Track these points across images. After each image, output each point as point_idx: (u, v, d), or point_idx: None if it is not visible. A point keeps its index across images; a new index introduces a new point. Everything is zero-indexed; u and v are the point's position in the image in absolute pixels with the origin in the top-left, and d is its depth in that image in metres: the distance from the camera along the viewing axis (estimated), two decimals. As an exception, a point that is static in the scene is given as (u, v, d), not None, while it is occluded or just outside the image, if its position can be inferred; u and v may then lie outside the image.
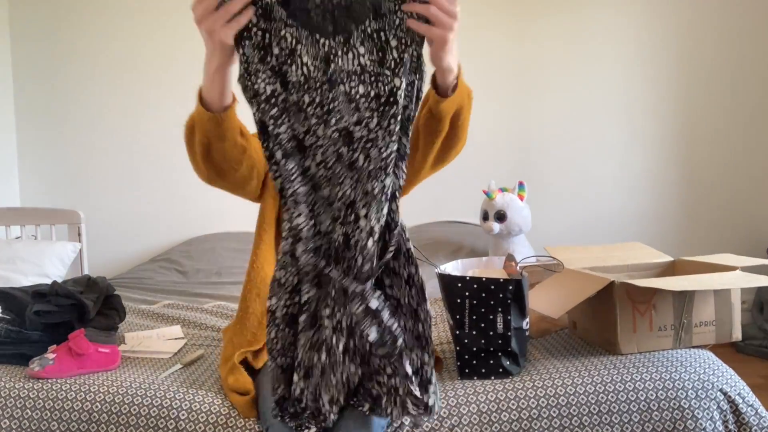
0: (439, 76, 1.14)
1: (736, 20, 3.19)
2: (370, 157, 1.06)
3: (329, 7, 1.06)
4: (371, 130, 1.06)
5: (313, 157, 1.08)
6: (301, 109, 1.07)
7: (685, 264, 1.53)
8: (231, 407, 1.24)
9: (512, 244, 2.56)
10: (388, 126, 1.05)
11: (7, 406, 1.27)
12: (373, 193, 1.06)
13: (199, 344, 1.62)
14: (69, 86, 3.21)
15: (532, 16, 3.20)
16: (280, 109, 1.07)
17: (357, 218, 1.06)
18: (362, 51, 1.06)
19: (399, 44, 1.05)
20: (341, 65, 1.06)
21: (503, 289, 1.28)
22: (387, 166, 1.05)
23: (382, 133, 1.05)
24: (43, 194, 3.23)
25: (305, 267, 1.09)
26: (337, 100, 1.06)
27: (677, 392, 1.22)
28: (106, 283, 1.70)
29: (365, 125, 1.06)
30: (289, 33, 1.06)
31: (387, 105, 1.05)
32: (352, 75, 1.06)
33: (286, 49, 1.06)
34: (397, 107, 1.05)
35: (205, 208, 3.21)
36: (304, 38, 1.06)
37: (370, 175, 1.06)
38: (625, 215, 3.28)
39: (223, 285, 2.49)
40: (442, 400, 1.22)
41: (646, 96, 3.25)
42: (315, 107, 1.07)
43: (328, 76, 1.06)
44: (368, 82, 1.06)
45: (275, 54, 1.06)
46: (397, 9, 1.05)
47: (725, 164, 3.26)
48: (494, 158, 3.22)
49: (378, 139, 1.06)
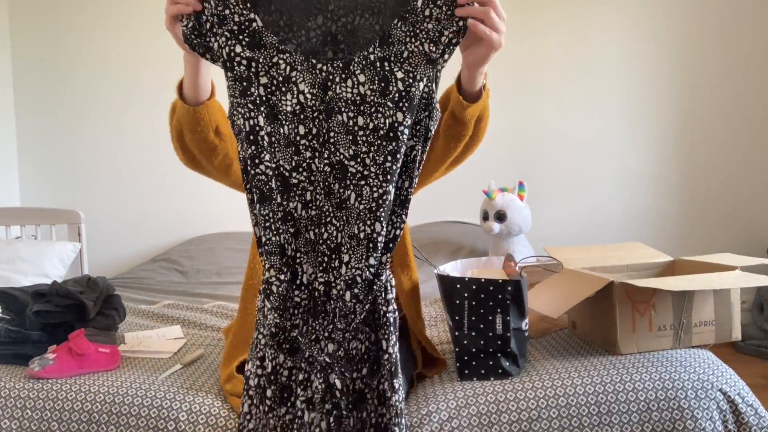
0: (471, 80, 1.08)
1: (737, 20, 3.19)
2: (362, 195, 0.98)
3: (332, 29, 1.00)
4: (366, 166, 0.98)
5: (300, 198, 1.00)
6: (291, 143, 0.99)
7: (684, 264, 1.53)
8: (231, 409, 1.24)
9: (512, 244, 2.56)
10: (383, 163, 0.98)
11: (7, 406, 1.27)
12: (359, 238, 0.98)
13: (199, 344, 1.62)
14: (69, 86, 3.21)
15: (532, 16, 3.20)
16: (260, 147, 0.99)
17: (340, 265, 0.99)
18: (362, 79, 0.99)
19: (406, 77, 0.98)
20: (339, 93, 0.99)
21: (502, 290, 1.28)
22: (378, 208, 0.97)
23: (376, 170, 0.98)
24: (43, 194, 3.24)
25: (271, 328, 1.01)
26: (334, 130, 0.99)
27: (677, 392, 1.22)
28: (106, 283, 1.70)
29: (361, 160, 0.98)
30: (283, 59, 0.99)
31: (385, 140, 0.98)
32: (350, 104, 0.99)
33: (279, 77, 0.99)
34: (397, 144, 0.98)
35: (205, 208, 3.21)
36: (299, 64, 0.99)
37: (359, 216, 0.98)
38: (625, 215, 3.28)
39: (223, 285, 2.49)
40: (442, 403, 1.22)
41: (647, 96, 3.25)
42: (311, 139, 1.00)
43: (326, 104, 0.99)
44: (368, 113, 0.98)
45: (262, 84, 0.99)
46: (407, 40, 0.98)
47: (725, 164, 3.26)
48: (494, 158, 3.22)
49: (371, 177, 0.98)
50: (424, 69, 0.99)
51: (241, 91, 1.00)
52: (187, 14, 1.01)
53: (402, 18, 0.99)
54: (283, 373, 1.04)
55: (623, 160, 3.27)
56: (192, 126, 1.15)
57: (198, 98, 1.13)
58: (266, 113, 1.00)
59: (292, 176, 1.00)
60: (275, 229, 1.01)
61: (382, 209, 0.98)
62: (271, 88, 1.00)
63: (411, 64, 0.99)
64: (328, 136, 1.00)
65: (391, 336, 1.03)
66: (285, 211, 1.01)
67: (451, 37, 0.99)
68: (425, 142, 1.00)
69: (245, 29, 0.99)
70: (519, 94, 3.25)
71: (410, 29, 0.99)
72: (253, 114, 1.00)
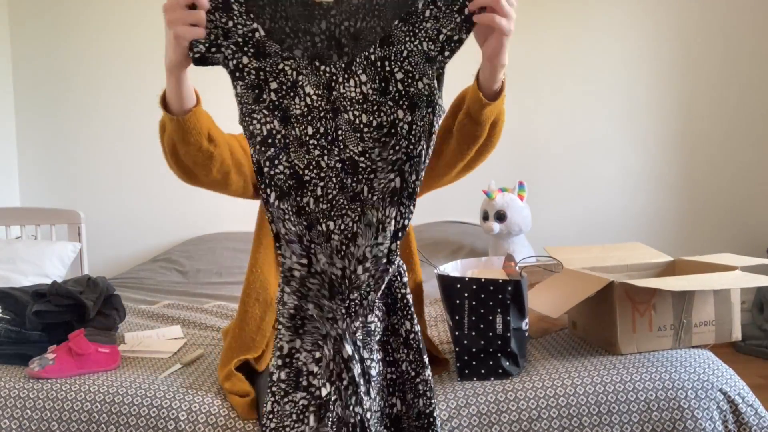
0: (492, 74, 1.07)
1: (738, 20, 3.19)
2: (373, 188, 1.04)
3: (336, 33, 1.02)
4: (374, 161, 1.04)
5: (311, 193, 1.05)
6: (303, 143, 1.04)
7: (684, 264, 1.53)
8: (231, 408, 1.24)
9: (512, 244, 2.56)
10: (388, 157, 1.03)
11: (7, 406, 1.27)
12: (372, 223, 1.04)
13: (198, 344, 1.62)
14: (69, 86, 3.21)
15: (532, 15, 3.20)
16: (278, 149, 1.04)
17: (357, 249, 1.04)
18: (364, 78, 1.02)
19: (405, 77, 1.01)
20: (343, 92, 1.03)
21: (502, 290, 1.27)
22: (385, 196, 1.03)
23: (383, 164, 1.03)
24: (43, 194, 3.24)
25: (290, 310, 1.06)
26: (341, 129, 1.04)
27: (677, 392, 1.22)
28: (106, 283, 1.70)
29: (369, 156, 1.03)
30: (288, 66, 1.03)
31: (388, 136, 1.03)
32: (355, 103, 1.03)
33: (287, 83, 1.03)
34: (397, 140, 1.02)
35: (205, 208, 3.21)
36: (304, 68, 1.03)
37: (373, 206, 1.04)
38: (625, 215, 3.28)
39: (223, 285, 2.49)
40: (442, 403, 1.22)
41: (647, 96, 3.25)
42: (319, 138, 1.04)
43: (332, 104, 1.03)
44: (371, 111, 1.03)
45: (273, 89, 1.03)
46: (406, 39, 1.01)
47: (725, 164, 3.26)
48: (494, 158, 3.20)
49: (378, 170, 1.04)
50: (423, 68, 1.01)
51: (254, 98, 1.03)
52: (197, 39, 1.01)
53: (402, 19, 1.01)
54: (299, 357, 1.06)
55: (623, 160, 3.27)
56: (184, 137, 1.12)
57: (184, 107, 1.10)
58: (280, 117, 1.04)
59: (305, 174, 1.05)
60: (293, 221, 1.06)
61: (387, 195, 1.04)
62: (281, 93, 1.03)
63: (410, 63, 1.01)
64: (336, 134, 1.04)
65: (413, 316, 1.10)
66: (299, 205, 1.06)
67: (450, 34, 1.01)
68: (429, 137, 1.03)
69: (249, 40, 1.02)
70: (519, 93, 3.24)
71: (410, 29, 1.01)
72: (269, 119, 1.04)
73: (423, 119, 1.02)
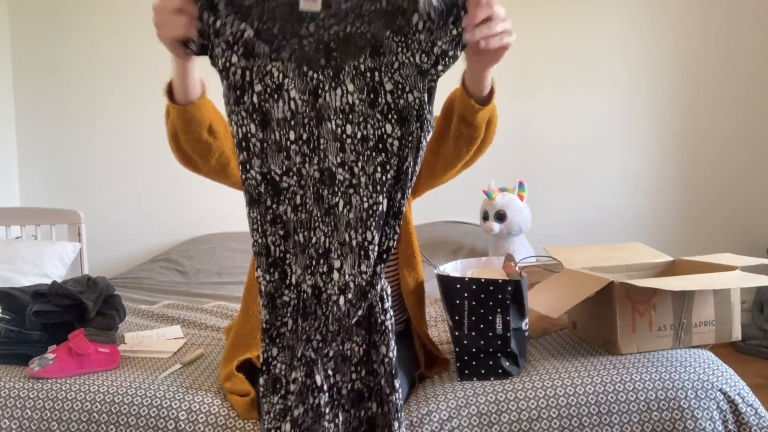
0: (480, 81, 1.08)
1: (738, 19, 3.19)
2: (351, 204, 1.00)
3: (324, 38, 0.99)
4: (354, 175, 0.99)
5: (290, 201, 1.02)
6: (282, 148, 1.01)
7: (684, 264, 1.53)
8: (231, 408, 1.24)
9: (512, 244, 2.56)
10: (373, 173, 0.99)
11: (7, 406, 1.27)
12: (351, 245, 0.99)
13: (198, 344, 1.62)
14: (69, 86, 3.21)
15: (532, 15, 3.20)
16: (251, 153, 1.02)
17: (330, 270, 1.01)
18: (351, 89, 0.99)
19: (395, 89, 0.98)
20: (329, 100, 1.00)
21: (502, 290, 1.27)
22: (368, 218, 0.99)
23: (366, 180, 0.99)
24: (43, 194, 3.23)
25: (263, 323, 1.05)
26: (323, 137, 1.00)
27: (677, 392, 1.22)
28: (106, 283, 1.70)
29: (349, 168, 1.00)
30: (276, 68, 1.00)
31: (375, 151, 0.99)
32: (339, 113, 1.00)
33: (272, 85, 1.00)
34: (386, 156, 0.99)
35: (205, 208, 3.21)
36: (291, 71, 1.00)
37: (349, 224, 1.00)
38: (625, 215, 3.28)
39: (223, 285, 2.49)
40: (442, 402, 1.22)
41: (647, 96, 3.25)
42: (301, 144, 1.01)
43: (316, 111, 1.00)
44: (356, 123, 0.99)
45: (257, 92, 1.01)
46: (398, 50, 0.98)
47: (726, 164, 3.26)
48: (494, 158, 3.21)
49: (360, 186, 0.99)
50: (414, 80, 0.98)
51: (234, 99, 1.02)
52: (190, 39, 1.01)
53: (395, 31, 0.98)
54: (276, 365, 1.06)
55: (623, 160, 3.27)
56: (185, 126, 1.14)
57: (188, 97, 1.12)
58: (259, 120, 1.02)
59: (282, 180, 1.02)
60: (262, 231, 1.03)
61: (372, 219, 0.99)
62: (264, 96, 1.01)
63: (401, 75, 0.98)
64: (318, 143, 1.01)
65: (390, 342, 1.06)
66: (275, 214, 1.03)
67: (446, 48, 0.98)
68: (417, 154, 1.00)
69: (238, 39, 1.00)
70: (519, 93, 3.24)
71: (402, 39, 0.98)
72: (246, 122, 1.02)
73: (411, 134, 0.99)
